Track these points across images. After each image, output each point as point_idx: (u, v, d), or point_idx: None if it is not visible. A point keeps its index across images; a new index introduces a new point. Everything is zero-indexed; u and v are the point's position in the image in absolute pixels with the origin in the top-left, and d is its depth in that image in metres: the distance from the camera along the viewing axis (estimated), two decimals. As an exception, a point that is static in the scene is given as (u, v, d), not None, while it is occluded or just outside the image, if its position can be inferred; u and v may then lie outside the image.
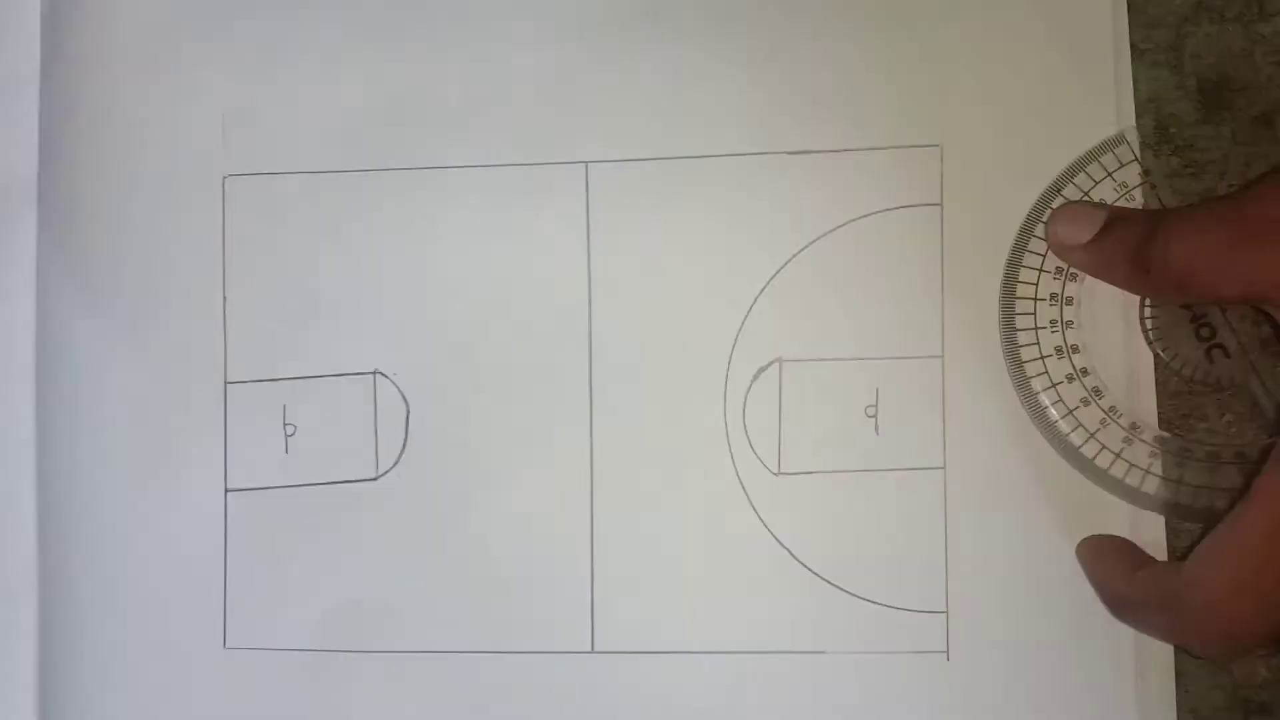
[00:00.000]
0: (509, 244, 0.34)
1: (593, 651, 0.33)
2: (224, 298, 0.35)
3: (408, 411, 0.34)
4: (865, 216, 0.33)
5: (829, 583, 0.33)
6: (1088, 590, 0.31)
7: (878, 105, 0.33)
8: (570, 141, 0.34)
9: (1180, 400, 0.32)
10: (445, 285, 0.34)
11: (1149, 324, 0.31)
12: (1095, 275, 0.31)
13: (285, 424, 0.35)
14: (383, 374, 0.34)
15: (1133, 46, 0.32)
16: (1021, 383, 0.31)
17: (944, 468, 0.33)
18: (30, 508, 0.35)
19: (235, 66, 0.35)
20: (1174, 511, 0.31)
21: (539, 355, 0.34)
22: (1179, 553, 0.31)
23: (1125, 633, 0.31)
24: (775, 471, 0.33)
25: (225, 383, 0.35)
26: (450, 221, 0.34)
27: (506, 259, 0.34)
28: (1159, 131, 0.32)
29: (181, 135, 0.35)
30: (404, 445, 0.34)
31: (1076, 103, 0.32)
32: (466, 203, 0.34)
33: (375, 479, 0.34)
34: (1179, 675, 0.31)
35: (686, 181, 0.34)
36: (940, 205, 0.33)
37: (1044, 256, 0.31)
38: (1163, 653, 0.31)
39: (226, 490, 0.35)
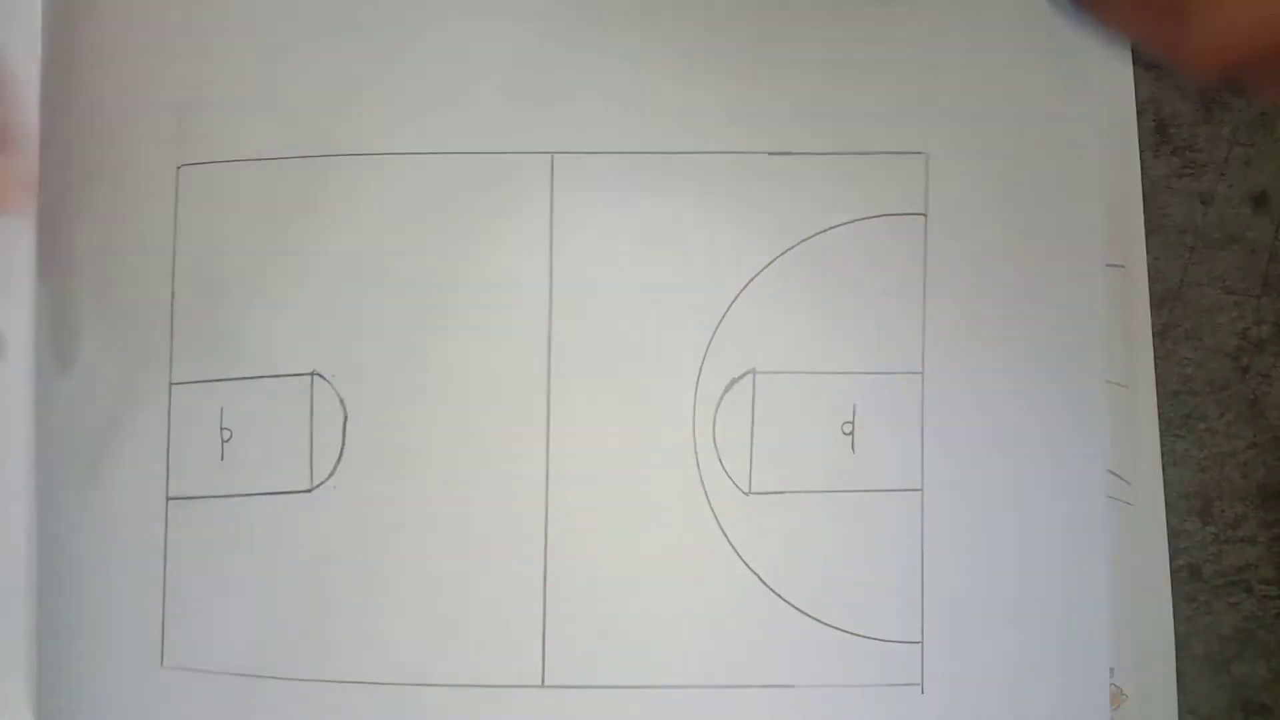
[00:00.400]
0: (463, 238, 0.32)
1: (543, 685, 0.31)
2: (172, 293, 0.32)
3: (345, 417, 0.32)
4: (847, 223, 0.32)
5: (800, 611, 0.31)
6: (1070, 622, 0.30)
7: (863, 108, 0.32)
8: (534, 130, 0.32)
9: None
10: (392, 281, 0.32)
11: None
12: None
13: (222, 428, 0.32)
14: (320, 375, 0.32)
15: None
16: None
17: (922, 490, 0.31)
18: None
19: (189, 54, 0.33)
20: None
21: (492, 359, 0.31)
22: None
23: (1106, 666, 0.30)
24: (746, 491, 0.31)
25: (170, 384, 0.32)
26: (399, 212, 0.32)
27: (460, 254, 0.32)
28: (1158, 132, 0.31)
29: (137, 125, 0.33)
30: (340, 454, 0.32)
31: (1065, 112, 0.31)
32: (418, 192, 0.32)
33: (310, 490, 0.32)
34: (1180, 676, 0.30)
35: (659, 177, 0.32)
36: (925, 215, 0.31)
37: None
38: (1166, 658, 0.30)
39: (168, 498, 0.32)
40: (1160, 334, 0.31)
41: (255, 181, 0.32)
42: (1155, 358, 0.31)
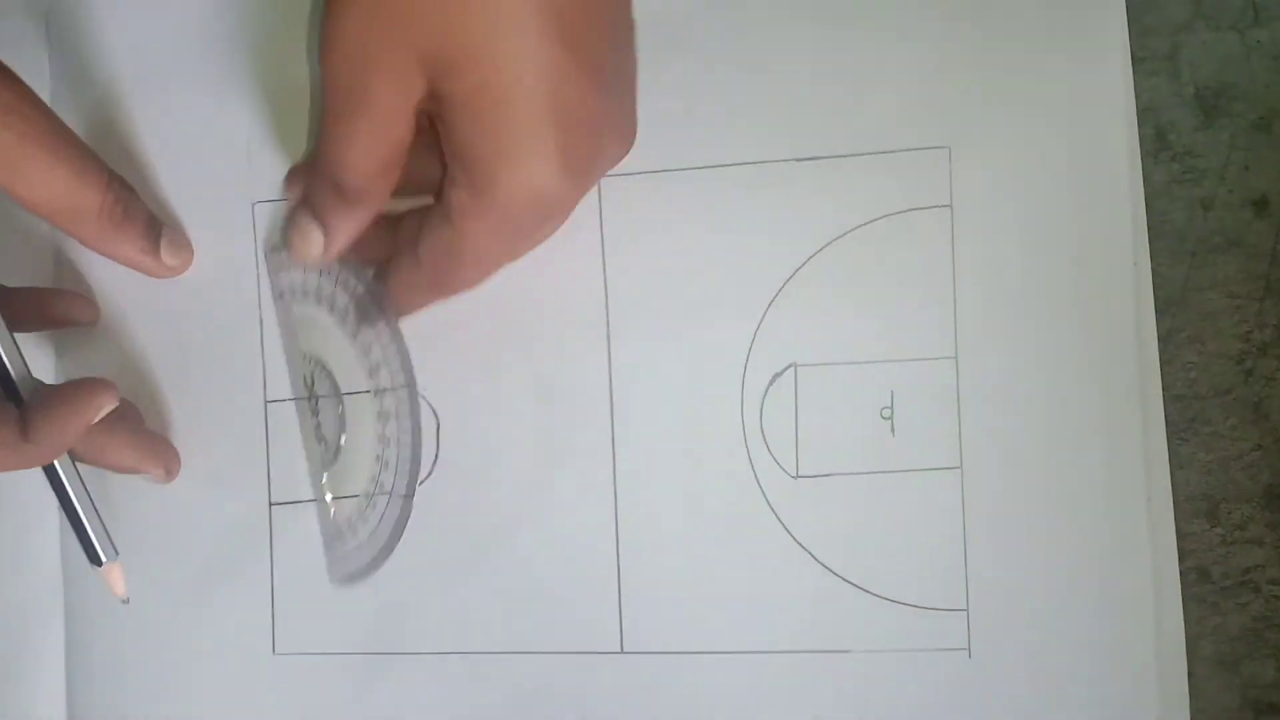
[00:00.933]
0: (526, 261, 0.35)
1: (622, 652, 0.34)
2: (260, 320, 0.36)
3: (438, 425, 0.35)
4: (876, 220, 0.33)
5: (850, 583, 0.33)
6: (1107, 587, 0.32)
7: (885, 109, 0.33)
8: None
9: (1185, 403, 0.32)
10: (466, 302, 0.35)
11: None
12: None
13: (320, 440, 0.36)
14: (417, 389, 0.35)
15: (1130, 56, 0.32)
16: None
17: (960, 467, 0.33)
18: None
19: (257, 94, 0.36)
20: None
21: (560, 368, 0.35)
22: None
23: (1145, 629, 0.32)
24: (793, 474, 0.34)
25: (265, 401, 0.36)
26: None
27: (523, 274, 0.35)
28: (1158, 139, 0.32)
29: (210, 162, 0.36)
30: (436, 457, 0.36)
31: (1083, 103, 0.32)
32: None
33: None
34: (1190, 676, 0.31)
35: (697, 191, 0.34)
36: (950, 206, 0.33)
37: None
38: (1176, 656, 0.32)
39: (271, 504, 0.37)
40: (1164, 339, 0.32)
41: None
42: (1160, 362, 0.32)
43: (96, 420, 0.33)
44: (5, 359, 0.32)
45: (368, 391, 0.35)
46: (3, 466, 0.32)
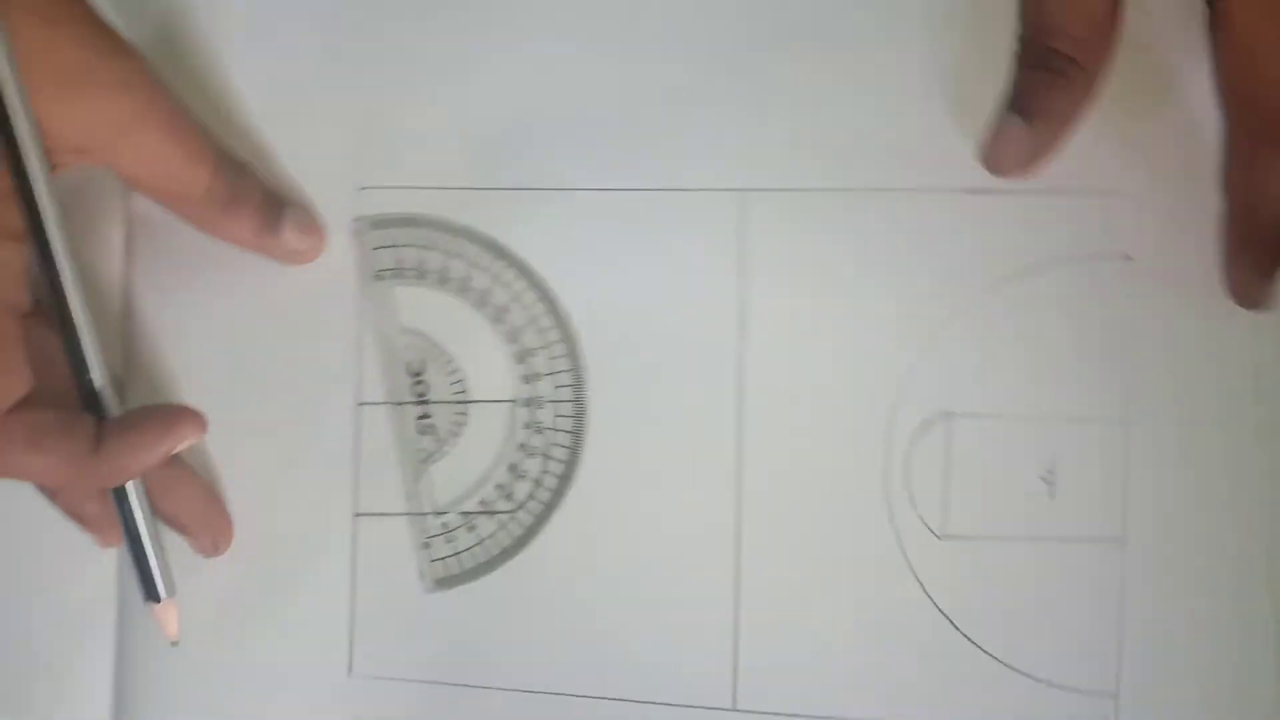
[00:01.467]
0: (650, 276, 0.32)
1: (734, 709, 0.32)
2: (357, 313, 0.34)
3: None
4: (1050, 264, 0.31)
5: (992, 656, 0.31)
6: (1269, 683, 0.29)
7: (1070, 146, 0.31)
8: (722, 167, 0.32)
9: None
10: (581, 315, 0.32)
11: None
12: None
13: (425, 433, 0.33)
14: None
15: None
16: None
17: (1123, 540, 0.30)
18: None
19: (369, 77, 0.33)
20: None
21: (682, 396, 0.32)
22: None
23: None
24: (939, 534, 0.31)
25: (358, 404, 0.34)
26: (583, 247, 0.32)
27: (647, 292, 0.32)
28: None
29: (317, 146, 0.34)
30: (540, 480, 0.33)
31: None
32: (601, 228, 0.32)
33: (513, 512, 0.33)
34: None
35: (851, 215, 0.31)
36: (1130, 258, 0.31)
37: None
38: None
39: (355, 515, 0.34)
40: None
41: (437, 208, 0.33)
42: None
43: (177, 450, 0.30)
44: (90, 364, 0.30)
45: (512, 401, 0.33)
46: (74, 484, 0.30)
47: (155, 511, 0.32)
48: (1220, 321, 0.30)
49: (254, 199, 0.32)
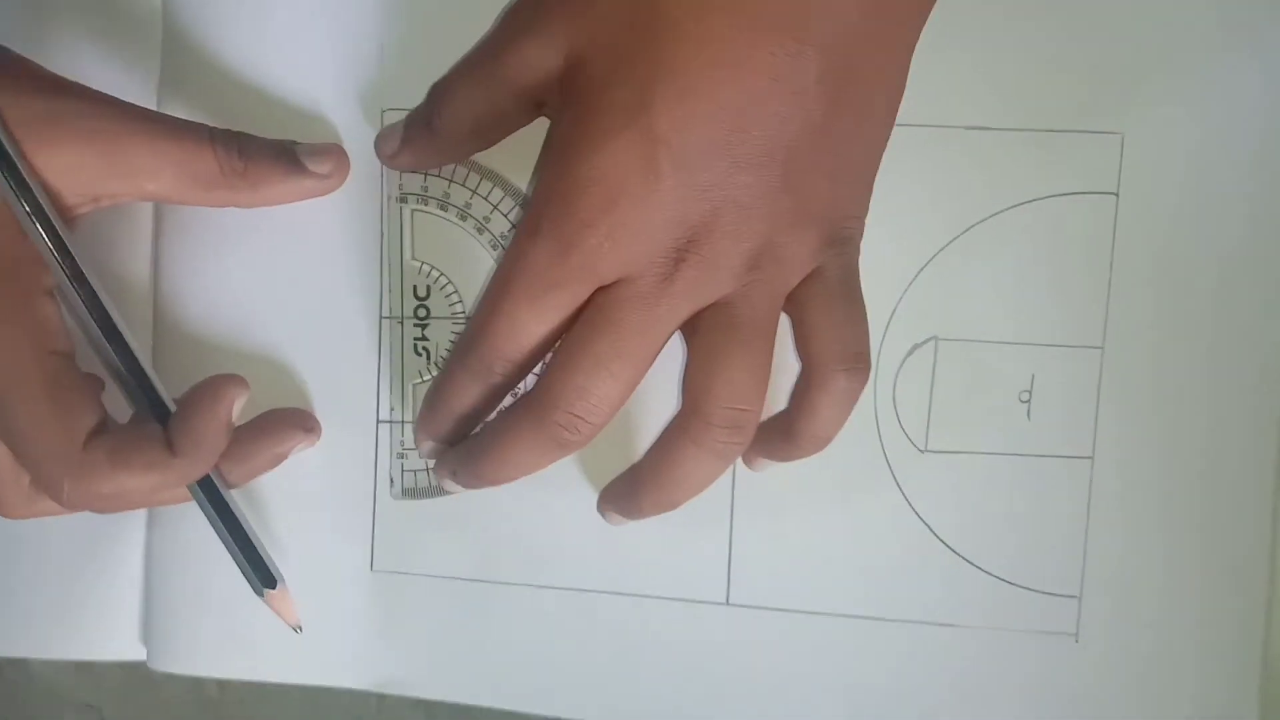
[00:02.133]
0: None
1: (727, 604, 0.35)
2: (381, 233, 0.35)
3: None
4: (1037, 200, 0.33)
5: (965, 559, 0.34)
6: (1222, 593, 0.32)
7: (1059, 87, 0.32)
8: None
9: None
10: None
11: None
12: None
13: (451, 323, 0.35)
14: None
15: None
16: None
17: (1092, 458, 0.33)
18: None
19: (391, 9, 0.34)
20: None
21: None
22: None
23: (1255, 630, 0.32)
24: (921, 448, 0.34)
25: (381, 316, 0.36)
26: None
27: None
28: None
29: (341, 66, 0.35)
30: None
31: (1268, 96, 0.31)
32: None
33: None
34: None
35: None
36: (1116, 195, 0.32)
37: None
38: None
39: (378, 421, 0.36)
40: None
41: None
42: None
43: (236, 414, 0.32)
44: (149, 374, 0.31)
45: None
46: (155, 491, 0.31)
47: (259, 472, 0.34)
48: (1198, 258, 0.32)
49: (265, 153, 0.33)
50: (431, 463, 0.34)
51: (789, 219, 0.29)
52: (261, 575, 0.33)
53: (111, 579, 0.37)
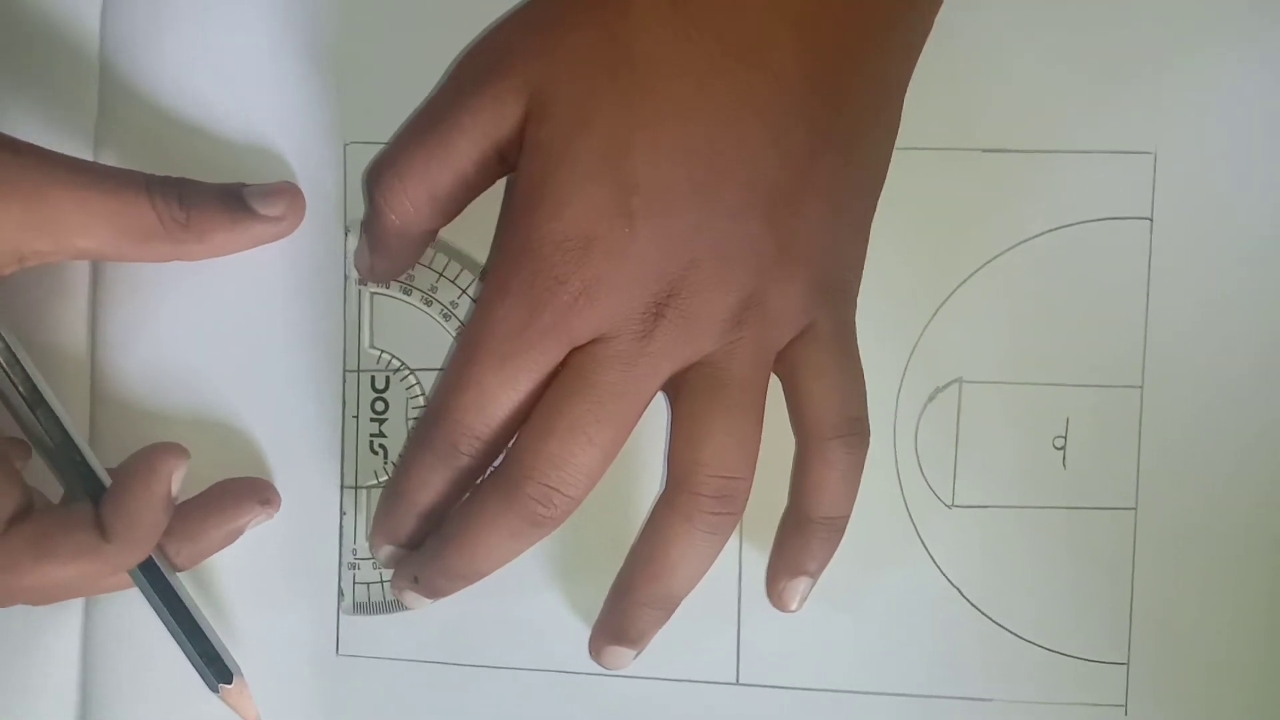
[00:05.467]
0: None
1: (737, 683, 0.31)
2: (345, 274, 0.32)
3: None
4: (1065, 227, 0.30)
5: (1000, 625, 0.30)
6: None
7: (1084, 105, 0.30)
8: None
9: None
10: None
11: None
12: None
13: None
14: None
15: None
16: None
17: (1135, 508, 0.30)
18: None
19: (357, 27, 0.32)
20: None
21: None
22: None
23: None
24: (948, 503, 0.30)
25: (345, 370, 0.32)
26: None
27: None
28: None
29: (297, 99, 0.32)
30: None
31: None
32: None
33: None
34: None
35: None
36: (1150, 219, 0.30)
37: None
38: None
39: (343, 486, 0.33)
40: None
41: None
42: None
43: (177, 488, 0.28)
44: (79, 446, 0.28)
45: None
46: (90, 579, 0.28)
47: (211, 551, 0.30)
48: (1239, 285, 0.30)
49: (209, 199, 0.29)
50: (388, 574, 0.31)
51: (775, 267, 0.26)
52: (216, 669, 0.29)
53: (45, 668, 0.33)
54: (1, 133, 0.28)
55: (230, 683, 0.29)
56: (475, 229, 0.31)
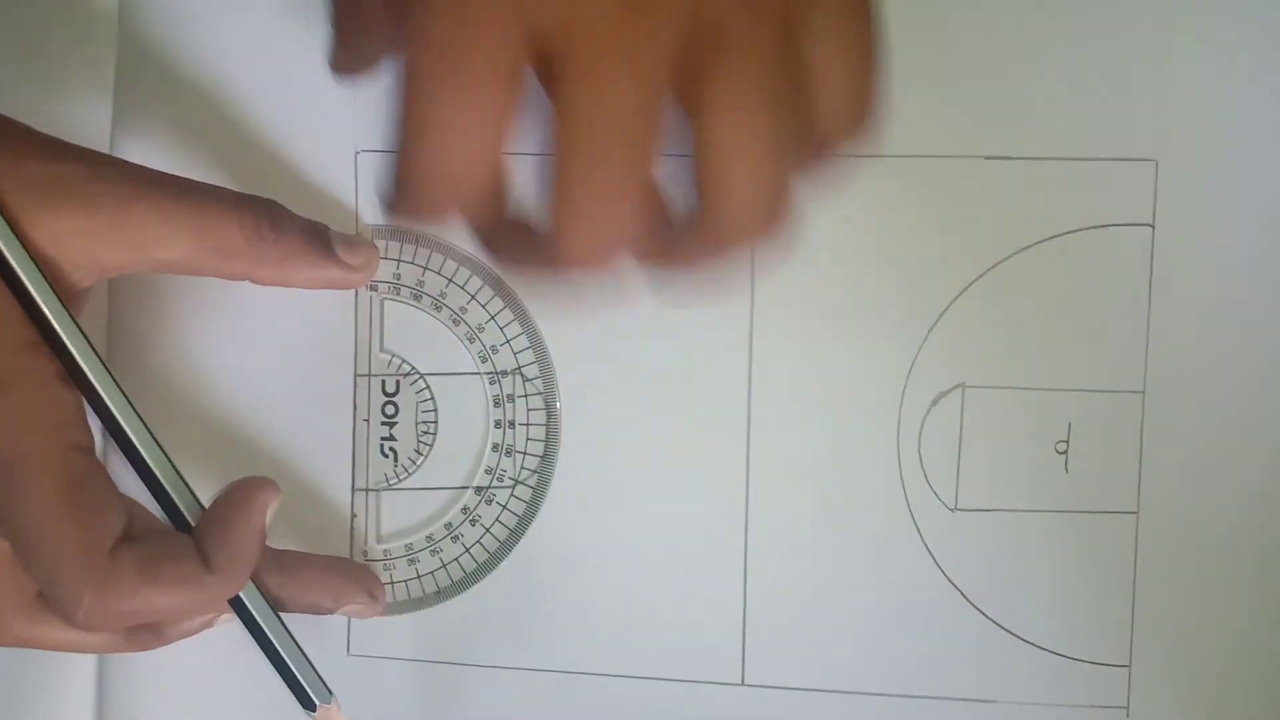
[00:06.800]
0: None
1: (743, 684, 0.32)
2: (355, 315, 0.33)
3: (560, 421, 0.32)
4: (1068, 233, 0.30)
5: (1003, 628, 0.31)
6: (1287, 655, 0.29)
7: (1086, 112, 0.30)
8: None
9: None
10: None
11: None
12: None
13: (419, 424, 0.32)
14: (523, 375, 0.32)
15: None
16: None
17: (1137, 513, 0.30)
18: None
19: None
20: None
21: (691, 362, 0.31)
22: None
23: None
24: (951, 507, 0.31)
25: (355, 375, 0.33)
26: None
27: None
28: None
29: (314, 106, 0.32)
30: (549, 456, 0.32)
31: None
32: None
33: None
34: None
35: (866, 181, 0.30)
36: (1152, 226, 0.30)
37: None
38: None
39: (354, 489, 0.33)
40: None
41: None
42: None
43: (268, 521, 0.28)
44: (163, 480, 0.28)
45: (476, 373, 0.32)
46: (188, 608, 0.27)
47: (303, 604, 0.30)
48: (1242, 292, 0.30)
49: (298, 229, 0.29)
50: (399, 575, 0.31)
51: None
52: (315, 689, 0.29)
53: (64, 668, 0.33)
54: (82, 146, 0.28)
55: (330, 702, 0.29)
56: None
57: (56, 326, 0.27)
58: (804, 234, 0.30)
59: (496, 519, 0.32)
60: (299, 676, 0.29)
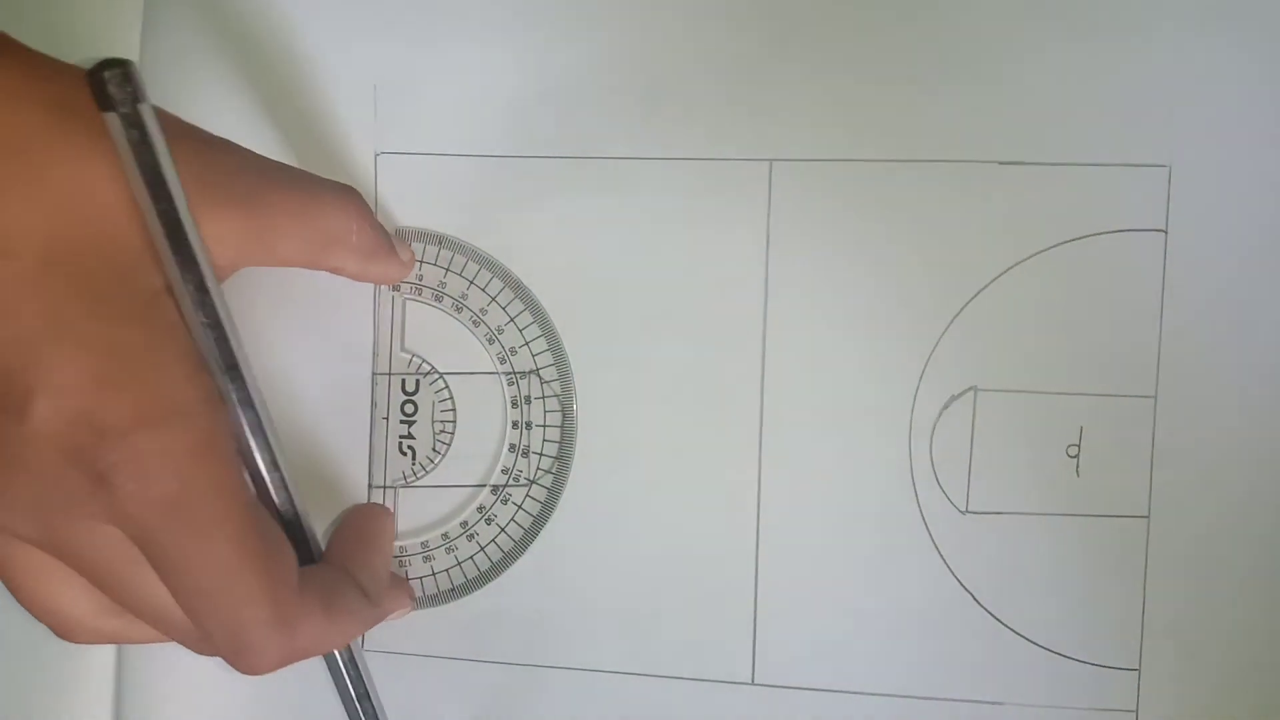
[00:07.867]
0: (677, 245, 0.32)
1: (753, 683, 0.32)
2: (374, 286, 0.33)
3: (574, 422, 0.32)
4: (1081, 238, 0.30)
5: (1012, 630, 0.31)
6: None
7: (1099, 117, 0.30)
8: (753, 136, 0.31)
9: None
10: (608, 284, 0.32)
11: None
12: None
13: (437, 422, 0.33)
14: (539, 376, 0.32)
15: None
16: None
17: (1148, 517, 0.30)
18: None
19: (390, 36, 0.33)
20: None
21: (706, 365, 0.32)
22: None
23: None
24: (962, 509, 0.31)
25: (373, 374, 0.33)
26: (615, 216, 0.32)
27: (674, 262, 0.32)
28: None
29: (334, 107, 0.33)
30: (563, 456, 0.33)
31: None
32: (634, 197, 0.31)
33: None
34: None
35: (880, 186, 0.31)
36: (1165, 231, 0.30)
37: None
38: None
39: (371, 486, 0.33)
40: None
41: (462, 176, 0.32)
42: None
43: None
44: (300, 512, 0.27)
45: (494, 373, 0.32)
46: (346, 637, 0.28)
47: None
48: (1254, 298, 0.30)
49: (382, 227, 0.30)
50: (415, 571, 0.32)
51: None
52: None
53: (82, 669, 0.34)
54: (227, 140, 0.27)
55: None
56: (507, 240, 0.32)
57: (235, 350, 0.25)
58: (823, 235, 0.31)
59: (512, 518, 0.32)
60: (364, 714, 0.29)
